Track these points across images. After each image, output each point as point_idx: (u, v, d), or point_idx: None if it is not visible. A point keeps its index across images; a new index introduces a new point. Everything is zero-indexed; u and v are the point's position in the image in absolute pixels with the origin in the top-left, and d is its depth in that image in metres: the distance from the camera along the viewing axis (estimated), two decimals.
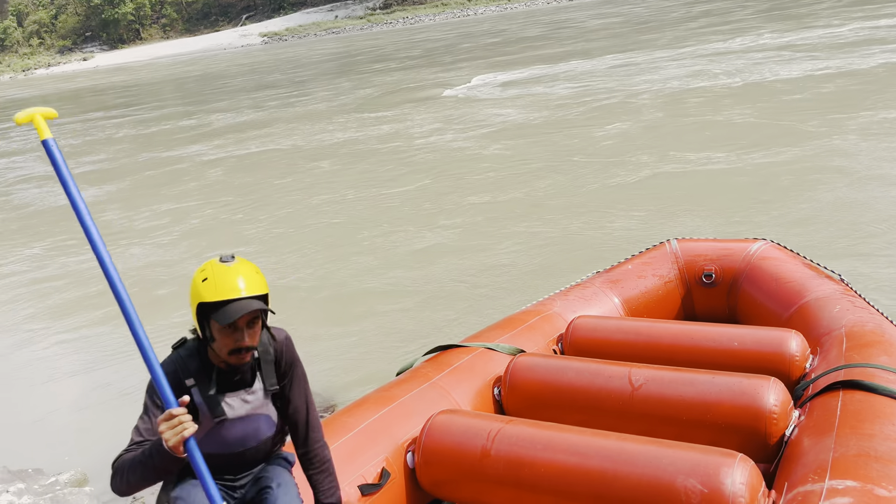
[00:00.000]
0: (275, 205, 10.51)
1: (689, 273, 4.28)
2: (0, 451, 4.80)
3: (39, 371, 6.16)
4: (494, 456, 2.72)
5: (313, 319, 6.48)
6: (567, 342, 3.82)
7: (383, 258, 7.75)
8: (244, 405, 2.24)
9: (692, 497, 2.30)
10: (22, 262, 9.53)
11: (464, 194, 9.69)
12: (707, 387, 2.92)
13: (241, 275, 2.09)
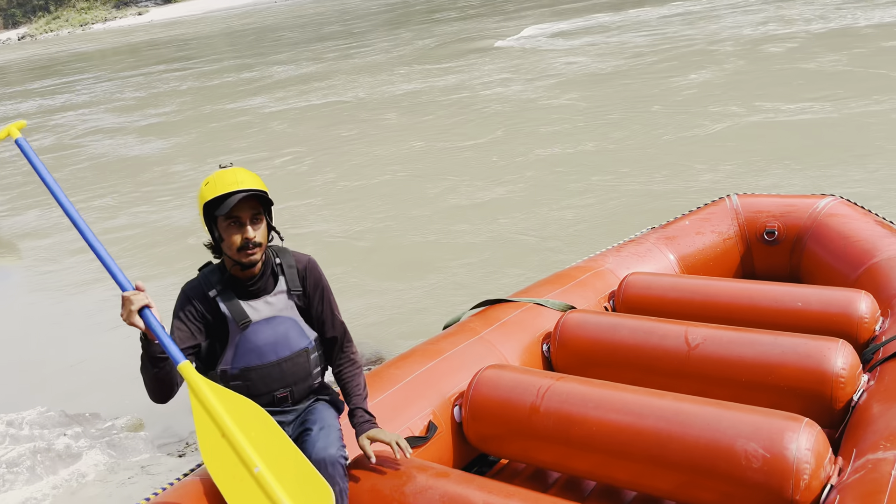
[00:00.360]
0: (340, 157, 10.40)
1: (750, 230, 4.10)
2: (59, 396, 4.96)
3: (102, 319, 6.32)
4: (544, 412, 2.65)
5: (371, 273, 6.45)
6: (619, 299, 3.70)
7: (446, 212, 7.63)
8: (268, 307, 2.33)
9: (753, 461, 2.19)
10: (92, 211, 9.70)
11: (532, 146, 9.37)
12: (769, 348, 2.78)
13: (238, 172, 2.25)
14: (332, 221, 7.89)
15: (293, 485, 1.83)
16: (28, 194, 10.99)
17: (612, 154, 8.62)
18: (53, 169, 12.40)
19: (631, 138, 9.07)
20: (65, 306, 6.77)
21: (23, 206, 10.41)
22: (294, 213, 8.26)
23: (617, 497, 2.66)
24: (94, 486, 3.67)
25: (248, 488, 1.83)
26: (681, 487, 2.37)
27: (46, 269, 7.91)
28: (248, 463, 1.86)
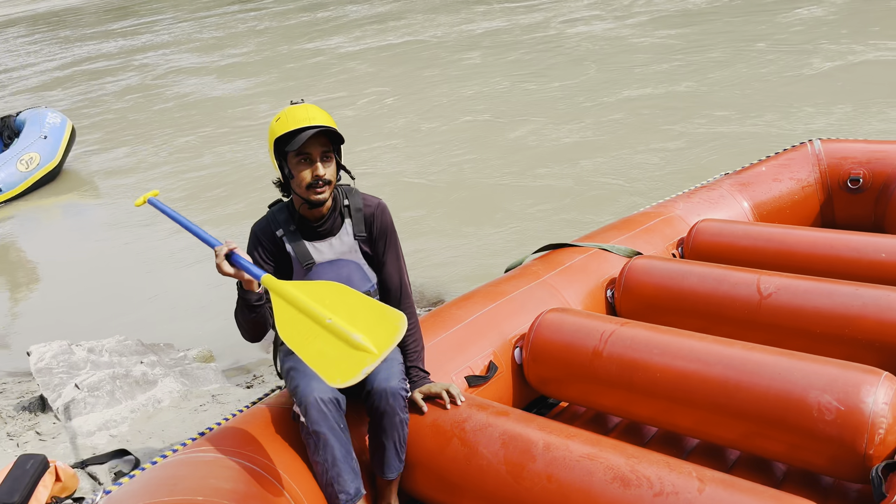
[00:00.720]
0: (420, 98, 10.23)
1: (833, 177, 3.89)
2: (136, 325, 5.19)
3: (178, 256, 6.54)
4: (607, 357, 2.62)
5: (445, 215, 6.42)
6: (688, 246, 3.59)
7: (526, 155, 7.46)
8: (332, 249, 2.35)
9: (826, 414, 2.11)
10: (176, 149, 9.90)
11: (621, 87, 8.98)
12: (848, 299, 2.66)
13: (309, 109, 2.23)
14: (409, 163, 7.83)
15: (365, 322, 1.90)
16: (117, 133, 11.30)
17: (708, 95, 8.13)
18: (140, 108, 12.74)
19: (730, 79, 8.49)
20: (144, 243, 7.03)
21: (113, 145, 10.69)
22: (372, 155, 8.22)
23: (678, 444, 2.63)
24: (168, 411, 3.85)
25: (324, 340, 1.88)
26: (746, 437, 2.32)
27: (129, 206, 8.20)
28: (320, 319, 1.92)
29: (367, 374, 1.80)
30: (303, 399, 2.12)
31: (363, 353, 1.82)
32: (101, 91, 14.73)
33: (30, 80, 17.39)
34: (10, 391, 4.44)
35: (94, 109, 13.25)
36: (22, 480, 3.05)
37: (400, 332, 1.86)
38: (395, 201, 7.04)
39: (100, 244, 7.25)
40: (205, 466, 1.91)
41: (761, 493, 1.79)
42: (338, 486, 2.12)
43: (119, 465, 3.44)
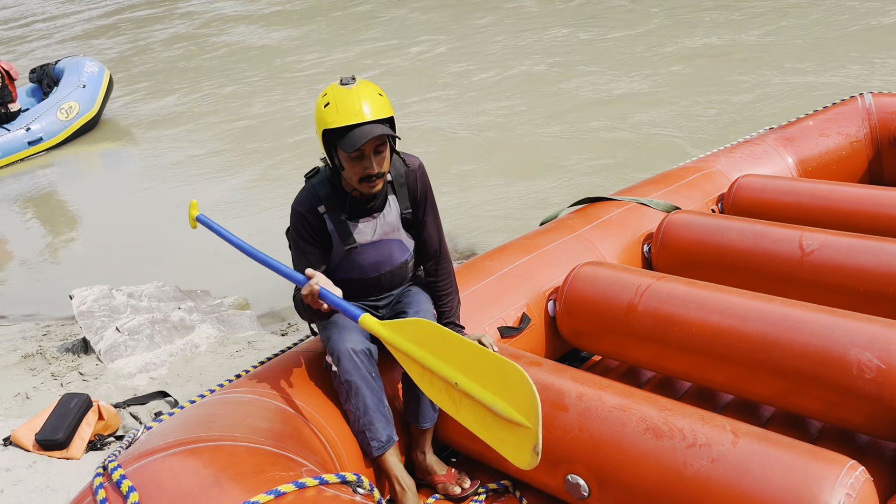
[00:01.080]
0: (472, 47, 9.97)
1: (883, 132, 3.76)
2: (174, 272, 5.29)
3: (219, 204, 6.61)
4: (642, 311, 2.59)
5: (492, 167, 6.35)
6: (728, 202, 3.51)
7: (580, 107, 7.29)
8: (375, 231, 2.24)
9: (866, 372, 2.07)
10: (224, 98, 9.86)
11: (684, 37, 8.61)
12: (894, 257, 2.58)
13: (363, 98, 1.99)
14: (458, 113, 7.70)
15: (494, 383, 1.71)
16: (158, 82, 11.30)
17: (780, 45, 7.70)
18: (188, 57, 12.66)
19: (806, 27, 8.04)
20: (183, 191, 7.11)
21: (152, 94, 10.69)
22: (422, 106, 8.11)
23: (712, 399, 2.61)
24: (205, 356, 3.94)
25: (462, 403, 1.76)
26: (782, 394, 2.29)
27: (168, 154, 8.28)
28: (449, 382, 1.78)
29: (540, 454, 1.61)
30: (335, 349, 2.15)
31: (520, 429, 1.63)
32: (145, 40, 14.73)
33: (74, 27, 17.45)
34: (54, 333, 4.58)
35: (137, 58, 13.29)
36: (66, 418, 3.16)
37: (529, 390, 1.63)
38: (441, 153, 6.99)
39: (139, 192, 7.36)
40: (242, 406, 1.95)
41: (797, 448, 1.77)
42: (370, 433, 2.15)
43: (159, 405, 3.54)
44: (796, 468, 1.70)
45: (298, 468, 1.59)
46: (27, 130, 8.73)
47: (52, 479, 2.99)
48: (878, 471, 2.12)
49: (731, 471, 1.76)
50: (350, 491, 1.60)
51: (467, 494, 2.28)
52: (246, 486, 1.45)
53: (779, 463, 1.73)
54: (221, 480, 1.47)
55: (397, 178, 2.23)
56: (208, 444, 1.61)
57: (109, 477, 1.53)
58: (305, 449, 1.81)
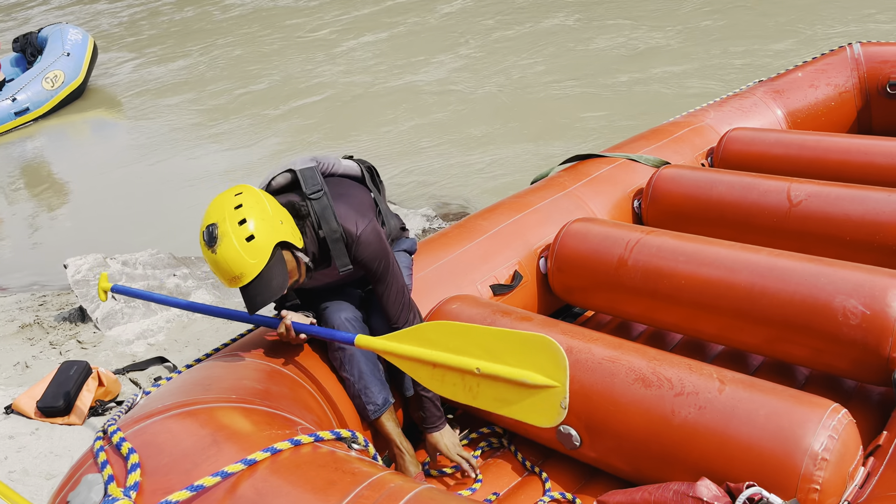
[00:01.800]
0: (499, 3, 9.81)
1: (871, 82, 3.75)
2: (167, 240, 5.29)
3: (209, 169, 6.58)
4: (632, 265, 2.62)
5: (505, 129, 6.27)
6: (718, 156, 3.52)
7: (601, 61, 7.17)
8: (325, 276, 2.23)
9: (851, 318, 2.11)
10: (209, 67, 9.66)
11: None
12: (880, 205, 2.61)
13: (231, 265, 1.88)
14: (478, 74, 7.57)
15: (517, 358, 1.78)
16: (149, 49, 11.06)
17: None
18: (176, 23, 12.34)
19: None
20: (173, 159, 7.08)
21: (147, 60, 10.46)
22: (443, 68, 7.94)
23: (702, 350, 2.65)
24: (202, 321, 3.97)
25: (481, 388, 1.81)
26: (769, 342, 2.34)
27: (157, 121, 8.20)
28: (469, 371, 1.82)
29: (567, 408, 1.72)
30: (330, 319, 2.19)
31: (546, 390, 1.72)
32: (126, 8, 14.46)
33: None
34: (50, 303, 4.60)
35: (157, 20, 13.01)
36: (66, 385, 3.20)
37: (557, 351, 1.73)
38: (458, 113, 6.85)
39: (128, 160, 7.32)
40: (238, 369, 1.98)
41: (781, 393, 1.82)
42: (365, 397, 2.19)
43: (158, 371, 3.59)
44: (781, 412, 1.75)
45: (294, 427, 1.63)
46: (13, 101, 8.62)
47: (56, 445, 3.05)
48: (863, 414, 2.18)
49: (717, 417, 1.81)
50: (345, 447, 1.64)
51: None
52: (243, 445, 1.49)
53: (764, 408, 1.78)
54: (219, 440, 1.50)
55: (330, 236, 2.09)
56: (206, 405, 1.65)
57: (109, 440, 1.56)
58: (301, 409, 1.85)
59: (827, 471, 1.66)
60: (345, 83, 8.08)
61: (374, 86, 7.85)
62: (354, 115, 7.18)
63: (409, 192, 5.59)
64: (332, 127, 7.10)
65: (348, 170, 2.34)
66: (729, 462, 1.76)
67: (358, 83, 8.00)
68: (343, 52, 9.12)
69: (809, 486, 1.66)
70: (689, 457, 1.83)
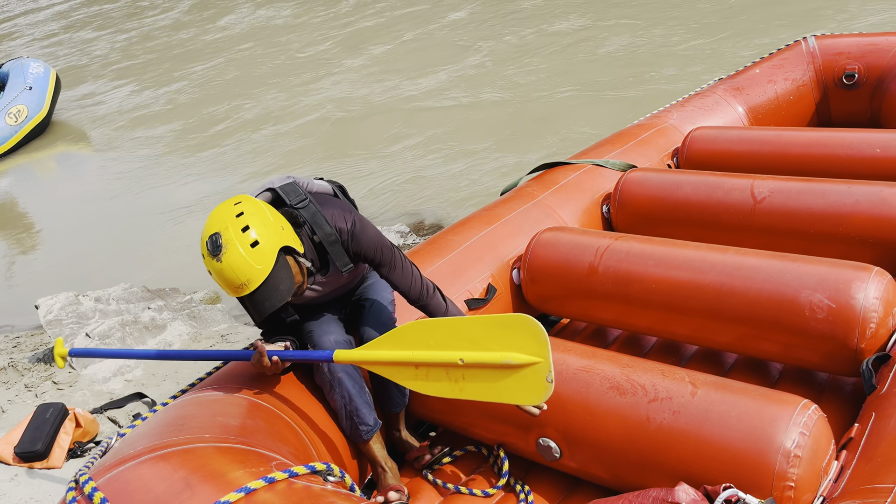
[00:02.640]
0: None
1: (828, 74, 3.82)
2: (140, 273, 5.25)
3: (177, 200, 6.52)
4: (602, 272, 2.64)
5: (502, 139, 6.27)
6: (683, 156, 3.56)
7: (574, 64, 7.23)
8: (325, 285, 2.24)
9: (818, 312, 2.14)
10: (173, 97, 9.58)
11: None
12: (841, 197, 2.65)
13: (237, 272, 1.88)
14: (486, 82, 7.54)
15: (498, 342, 1.83)
16: (112, 80, 10.96)
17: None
18: (139, 53, 12.25)
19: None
20: (141, 191, 7.01)
21: (109, 92, 10.36)
22: (445, 80, 7.91)
23: (677, 352, 2.68)
24: None
25: (466, 380, 1.84)
26: (741, 340, 2.37)
27: (125, 153, 8.11)
28: (452, 363, 1.84)
29: (553, 381, 1.80)
30: (318, 344, 2.18)
31: (530, 367, 1.79)
32: (91, 37, 14.34)
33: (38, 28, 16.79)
34: (24, 344, 4.53)
35: (84, 57, 12.94)
36: (43, 429, 3.15)
37: (535, 327, 1.79)
38: (454, 126, 6.75)
39: (97, 194, 7.24)
40: (212, 405, 1.97)
41: (752, 392, 1.84)
42: (357, 419, 2.19)
43: (137, 407, 3.54)
44: (752, 412, 1.77)
45: (269, 462, 1.62)
46: None
47: (35, 490, 2.99)
48: (837, 406, 2.21)
49: (691, 421, 1.83)
50: (321, 480, 1.63)
51: (437, 456, 2.35)
52: (216, 487, 1.48)
53: (736, 408, 1.80)
54: (192, 483, 1.49)
55: (326, 239, 2.10)
56: (178, 448, 1.63)
57: (81, 490, 1.54)
58: (277, 441, 1.84)
59: (800, 467, 1.68)
60: (314, 107, 8.05)
61: (349, 107, 7.84)
62: (327, 139, 7.15)
63: (382, 207, 5.60)
64: (301, 148, 7.09)
65: (321, 188, 2.35)
66: (705, 465, 1.78)
67: (330, 106, 7.99)
68: (317, 76, 9.10)
69: (784, 484, 1.68)
70: (667, 462, 1.84)
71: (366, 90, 8.02)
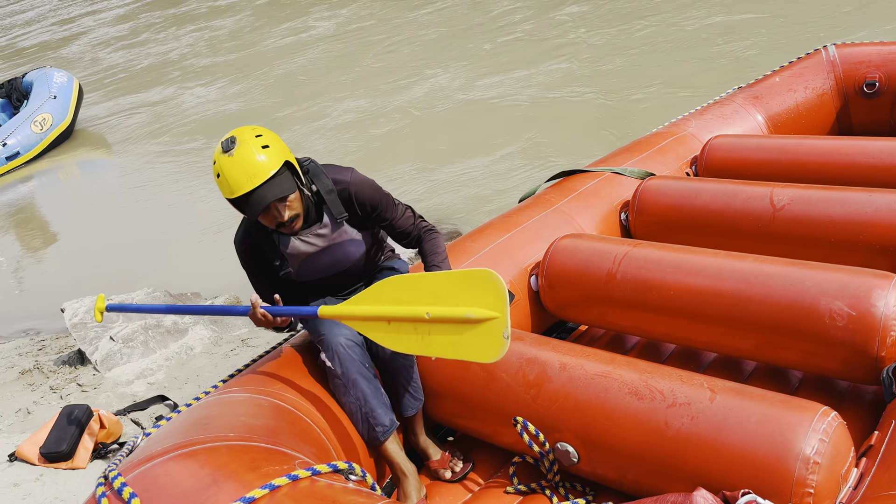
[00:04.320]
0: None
1: (848, 83, 3.81)
2: (163, 277, 5.32)
3: (200, 205, 6.61)
4: (621, 279, 2.65)
5: (482, 141, 6.32)
6: (702, 164, 3.57)
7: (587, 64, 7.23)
8: (320, 238, 2.29)
9: (837, 320, 2.14)
10: (194, 103, 9.72)
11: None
12: (862, 205, 2.65)
13: (245, 165, 2.03)
14: (462, 91, 7.60)
15: (461, 297, 1.88)
16: (133, 88, 11.14)
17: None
18: (158, 61, 12.52)
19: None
20: (164, 196, 7.12)
21: (125, 98, 10.52)
22: (454, 81, 7.97)
23: (695, 359, 2.68)
24: (201, 357, 3.99)
25: (432, 336, 1.91)
26: (761, 348, 2.37)
27: (146, 158, 8.24)
28: (418, 318, 1.92)
29: (509, 337, 1.83)
30: (330, 345, 2.22)
31: (488, 322, 1.83)
32: (110, 47, 14.60)
33: (33, 36, 17.20)
34: (49, 347, 4.61)
35: (104, 66, 13.17)
36: (68, 429, 3.21)
37: (496, 282, 1.84)
38: (465, 125, 6.74)
39: (119, 199, 7.36)
40: (236, 405, 2.00)
41: (771, 399, 1.84)
42: (373, 420, 2.21)
43: (159, 409, 3.60)
44: (771, 418, 1.77)
45: (292, 461, 1.65)
46: (3, 146, 8.68)
47: (60, 490, 3.05)
48: (857, 414, 2.21)
49: (709, 426, 1.83)
50: (343, 479, 1.66)
51: (459, 478, 2.34)
52: (241, 483, 1.51)
53: (755, 415, 1.80)
54: (218, 479, 1.52)
55: (324, 189, 2.23)
56: (204, 445, 1.67)
57: (111, 485, 1.58)
58: (299, 441, 1.87)
59: (819, 474, 1.68)
60: (336, 109, 8.12)
61: (367, 110, 7.89)
62: (346, 141, 7.23)
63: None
64: (321, 151, 7.16)
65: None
66: (724, 471, 1.78)
67: (350, 108, 8.05)
68: (336, 78, 9.19)
69: (803, 491, 1.68)
70: (685, 467, 1.85)
71: (379, 97, 8.09)
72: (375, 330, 1.99)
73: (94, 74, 12.50)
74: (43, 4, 20.84)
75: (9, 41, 17.42)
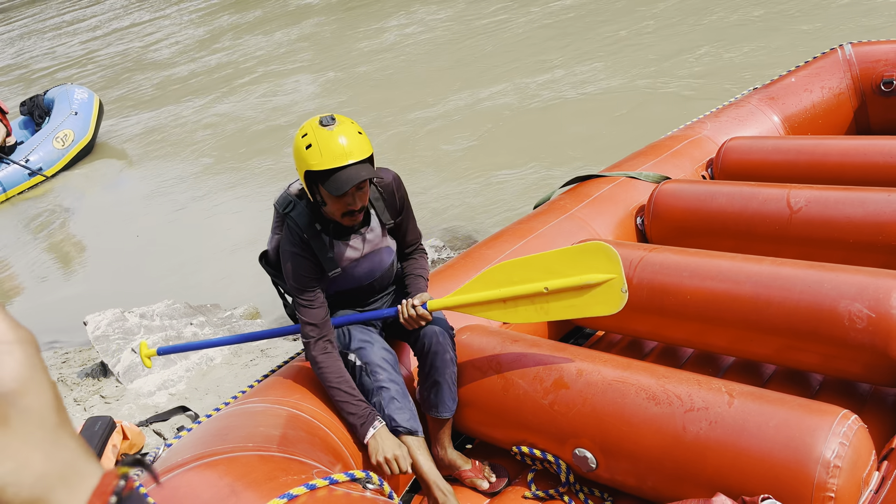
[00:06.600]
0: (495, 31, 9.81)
1: (865, 81, 3.77)
2: (182, 289, 5.38)
3: (219, 218, 6.68)
4: (637, 284, 2.64)
5: (497, 147, 6.32)
6: (718, 167, 3.55)
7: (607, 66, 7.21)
8: (365, 244, 2.30)
9: (857, 322, 2.12)
10: (213, 115, 9.85)
11: None
12: (880, 205, 2.62)
13: (346, 140, 2.04)
14: (512, 87, 7.56)
15: (576, 268, 2.16)
16: (152, 102, 11.38)
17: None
18: (178, 74, 12.75)
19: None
20: (184, 208, 7.20)
21: (151, 113, 10.70)
22: (448, 99, 7.94)
23: (714, 363, 2.66)
24: (221, 368, 4.02)
25: (551, 304, 2.19)
26: (780, 351, 2.35)
27: (166, 172, 8.35)
28: (538, 293, 2.18)
29: (627, 292, 2.14)
30: (367, 356, 2.24)
31: (607, 283, 2.13)
32: (128, 62, 14.80)
33: (52, 57, 17.49)
34: (72, 360, 4.68)
35: (122, 81, 13.36)
36: (92, 441, 3.24)
37: (610, 250, 2.13)
38: (465, 140, 6.79)
39: (141, 213, 7.44)
40: (255, 416, 2.02)
41: (790, 403, 1.83)
42: (394, 423, 2.19)
43: (181, 420, 3.63)
44: (791, 422, 1.76)
45: (310, 471, 1.66)
46: (26, 162, 8.82)
47: None
48: (878, 417, 2.18)
49: (728, 430, 1.82)
50: (360, 488, 1.67)
51: (497, 490, 2.31)
52: (260, 493, 1.52)
53: (774, 419, 1.79)
54: (237, 490, 1.54)
55: (374, 196, 2.29)
56: (223, 456, 1.69)
57: None
58: (317, 451, 1.88)
59: (840, 478, 1.66)
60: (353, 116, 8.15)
61: (383, 118, 7.93)
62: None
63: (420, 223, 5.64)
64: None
65: None
66: (743, 475, 1.77)
67: (363, 122, 8.10)
68: (352, 84, 9.27)
69: (824, 495, 1.66)
70: (704, 472, 1.84)
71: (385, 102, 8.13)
72: (491, 310, 2.24)
73: (117, 90, 12.67)
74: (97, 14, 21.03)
75: (71, 49, 17.71)
